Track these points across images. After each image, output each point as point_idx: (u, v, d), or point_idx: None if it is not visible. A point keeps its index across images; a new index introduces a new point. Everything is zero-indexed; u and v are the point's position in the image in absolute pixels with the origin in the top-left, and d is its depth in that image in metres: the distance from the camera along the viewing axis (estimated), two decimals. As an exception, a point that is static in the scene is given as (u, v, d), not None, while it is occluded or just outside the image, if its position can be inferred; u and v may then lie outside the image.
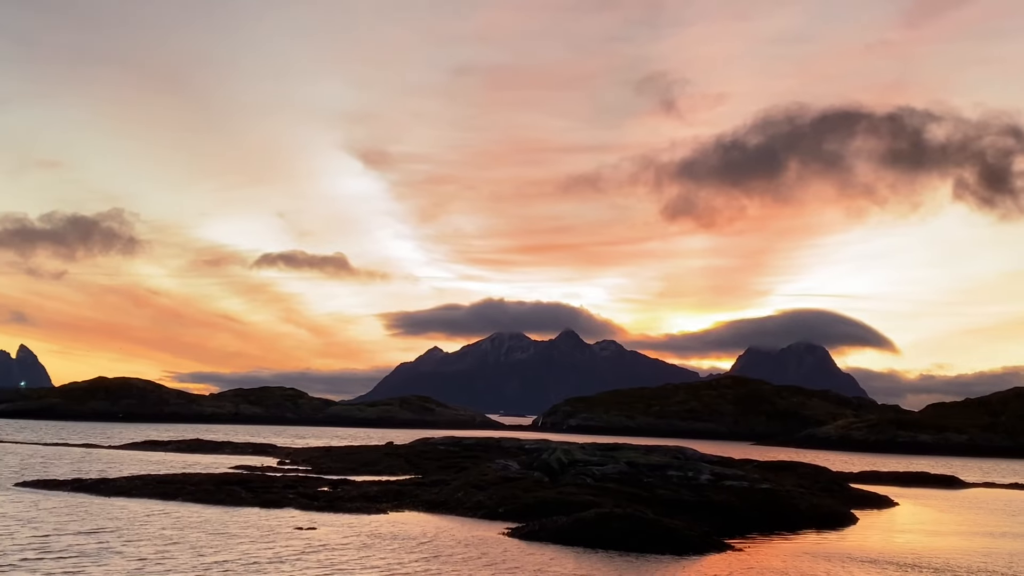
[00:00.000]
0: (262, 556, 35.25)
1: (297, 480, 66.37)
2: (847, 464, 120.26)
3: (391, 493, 58.36)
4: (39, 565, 31.57)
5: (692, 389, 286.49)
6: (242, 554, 35.39)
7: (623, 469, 57.67)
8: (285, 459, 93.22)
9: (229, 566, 33.00)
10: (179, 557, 34.35)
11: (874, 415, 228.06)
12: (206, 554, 35.17)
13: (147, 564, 32.85)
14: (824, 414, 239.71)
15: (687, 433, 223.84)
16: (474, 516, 50.64)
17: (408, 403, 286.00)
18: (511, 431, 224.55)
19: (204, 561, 33.73)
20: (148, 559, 33.69)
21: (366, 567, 34.17)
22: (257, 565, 33.49)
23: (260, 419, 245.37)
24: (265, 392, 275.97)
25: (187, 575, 31.37)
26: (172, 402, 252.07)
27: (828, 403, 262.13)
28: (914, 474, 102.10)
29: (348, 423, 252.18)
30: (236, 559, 34.44)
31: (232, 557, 34.79)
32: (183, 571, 31.82)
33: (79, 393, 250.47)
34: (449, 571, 34.12)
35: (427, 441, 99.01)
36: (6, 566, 31.29)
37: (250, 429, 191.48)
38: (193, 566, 32.81)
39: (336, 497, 56.37)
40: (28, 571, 30.55)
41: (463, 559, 36.65)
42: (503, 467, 62.53)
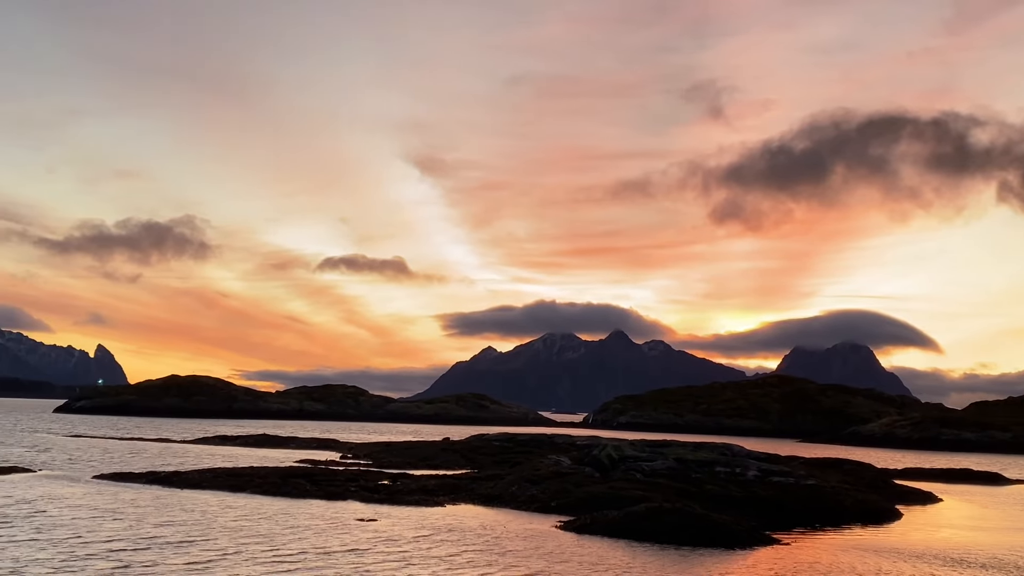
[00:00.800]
0: (332, 547, 35.26)
1: (359, 474, 66.73)
2: (891, 461, 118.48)
3: (448, 487, 58.46)
4: (124, 556, 31.69)
5: (739, 388, 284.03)
6: (313, 545, 35.43)
7: (672, 465, 57.28)
8: (347, 454, 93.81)
9: (303, 557, 33.05)
10: (255, 548, 34.47)
11: (918, 413, 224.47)
12: (279, 545, 35.31)
13: (226, 554, 32.97)
14: (868, 412, 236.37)
15: (734, 430, 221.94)
16: (528, 509, 50.55)
17: (464, 401, 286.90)
18: (563, 428, 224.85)
19: (279, 552, 33.81)
20: (226, 549, 33.81)
21: (428, 557, 34.11)
22: (328, 556, 33.50)
23: (323, 415, 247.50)
24: (328, 390, 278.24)
25: (264, 565, 31.46)
26: (240, 399, 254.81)
27: (872, 401, 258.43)
28: (958, 471, 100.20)
29: (406, 419, 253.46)
30: (309, 550, 34.49)
31: (305, 547, 34.87)
32: (260, 562, 31.91)
33: (153, 390, 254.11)
34: (507, 562, 34.00)
35: (482, 437, 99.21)
36: (94, 556, 31.44)
37: (314, 425, 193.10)
38: (269, 557, 32.92)
39: (396, 490, 56.57)
40: (115, 561, 30.69)
41: (520, 551, 36.53)
42: (555, 462, 62.39)
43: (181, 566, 30.66)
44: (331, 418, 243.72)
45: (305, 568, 31.21)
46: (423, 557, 34.12)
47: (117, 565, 30.23)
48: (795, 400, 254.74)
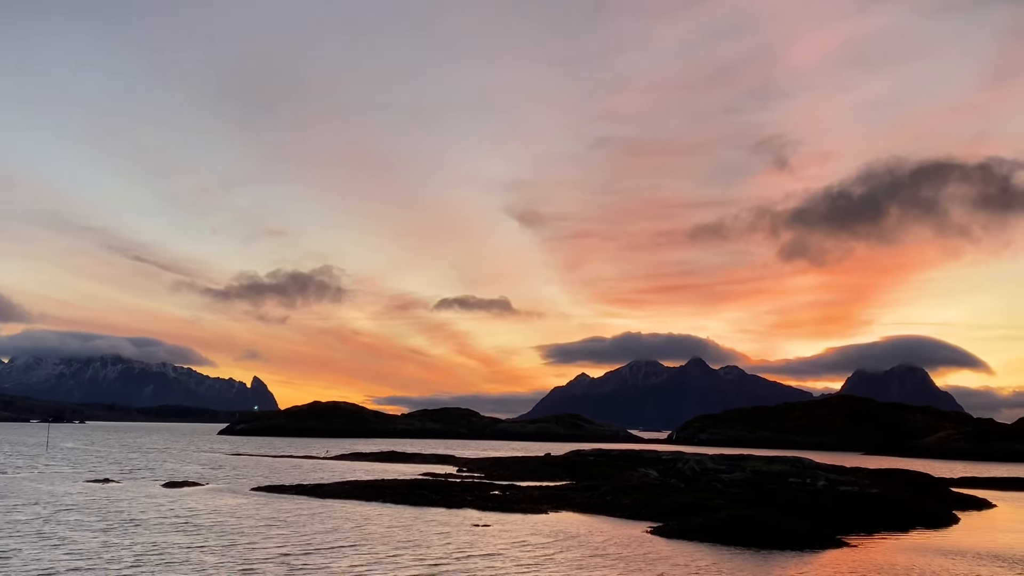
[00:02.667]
0: (473, 551, 34.76)
1: (473, 485, 66.62)
2: (948, 471, 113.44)
3: (550, 496, 57.96)
4: (295, 560, 31.67)
5: (807, 407, 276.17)
6: (457, 549, 35.07)
7: (748, 477, 55.84)
8: (463, 468, 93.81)
9: (448, 560, 32.50)
10: (405, 552, 34.09)
11: (971, 427, 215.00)
12: (425, 549, 34.96)
13: (381, 558, 32.61)
14: (925, 427, 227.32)
15: (803, 445, 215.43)
16: (621, 516, 49.77)
17: (562, 420, 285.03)
18: (649, 444, 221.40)
19: (426, 555, 33.43)
20: (380, 554, 33.53)
21: (556, 562, 33.64)
22: (468, 559, 32.99)
23: (441, 434, 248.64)
24: (445, 412, 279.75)
25: (417, 568, 30.95)
26: (372, 421, 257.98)
27: (929, 417, 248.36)
28: (1011, 479, 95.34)
29: (512, 437, 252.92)
30: (453, 553, 34.13)
31: (450, 551, 34.44)
32: (413, 565, 31.41)
33: (299, 414, 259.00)
34: (608, 562, 33.49)
35: (578, 452, 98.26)
36: (270, 559, 31.50)
37: (433, 443, 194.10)
38: (418, 559, 32.51)
39: (506, 499, 56.30)
40: (288, 565, 30.67)
41: (617, 552, 35.95)
42: (644, 475, 61.41)
43: (347, 568, 30.47)
44: (447, 436, 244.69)
45: (458, 571, 30.74)
46: (550, 561, 33.45)
47: (290, 568, 30.17)
48: (858, 417, 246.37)
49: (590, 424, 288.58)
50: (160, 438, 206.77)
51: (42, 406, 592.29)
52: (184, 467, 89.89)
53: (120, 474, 75.81)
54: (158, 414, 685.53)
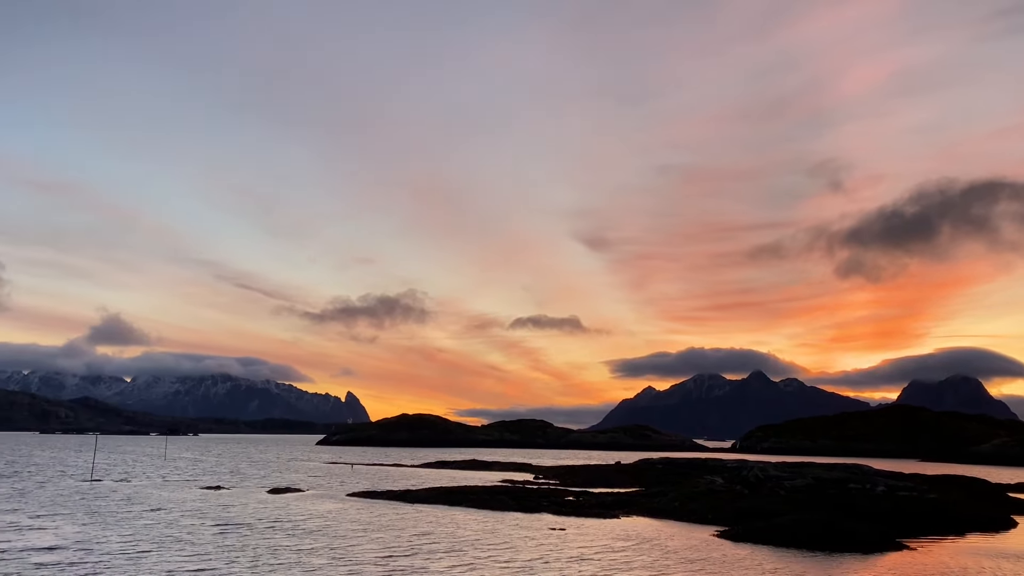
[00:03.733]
0: (563, 555, 34.22)
1: (549, 491, 66.39)
2: (1004, 477, 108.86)
3: (621, 502, 57.46)
4: (397, 563, 31.49)
5: (865, 416, 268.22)
6: (548, 552, 34.74)
7: (810, 483, 54.57)
8: (539, 475, 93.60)
9: (542, 564, 31.97)
10: (498, 554, 33.80)
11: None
12: (517, 551, 34.71)
13: (477, 560, 32.38)
14: (981, 435, 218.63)
15: (861, 453, 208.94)
16: (688, 521, 49.09)
17: (630, 431, 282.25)
18: (714, 453, 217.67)
19: (517, 558, 33.08)
20: (477, 556, 33.19)
21: (623, 561, 33.60)
22: (560, 561, 32.58)
23: (518, 444, 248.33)
24: (521, 423, 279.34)
25: (509, 571, 30.48)
26: (454, 431, 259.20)
27: (983, 425, 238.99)
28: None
29: (584, 447, 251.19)
30: (545, 555, 33.84)
31: (542, 554, 34.16)
32: (509, 567, 31.02)
33: (389, 426, 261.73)
34: (679, 563, 33.11)
35: (647, 461, 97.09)
36: (378, 563, 31.30)
37: (511, 452, 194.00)
38: (509, 561, 32.27)
39: (580, 504, 56.04)
40: (392, 568, 30.53)
41: (688, 555, 35.46)
42: (710, 482, 60.47)
43: (445, 569, 30.33)
44: (524, 446, 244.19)
45: (550, 573, 30.36)
46: (633, 563, 33.09)
47: (392, 570, 30.03)
48: (915, 426, 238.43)
49: (657, 434, 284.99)
50: (264, 449, 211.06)
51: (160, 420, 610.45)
52: (286, 475, 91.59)
53: (230, 482, 77.63)
54: (263, 427, 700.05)
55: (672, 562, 33.58)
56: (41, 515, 44.55)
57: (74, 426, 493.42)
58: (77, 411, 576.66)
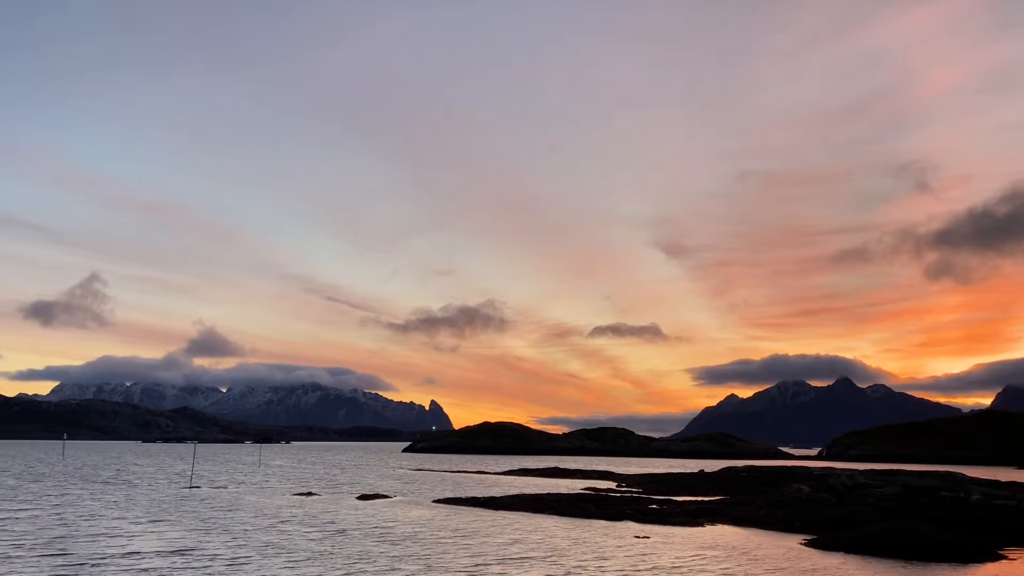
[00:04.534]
0: (663, 563, 33.86)
1: (632, 499, 65.94)
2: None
3: (706, 510, 56.68)
4: (489, 570, 31.39)
5: (957, 422, 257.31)
6: (643, 561, 34.13)
7: (900, 491, 52.89)
8: (621, 483, 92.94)
9: (636, 574, 31.46)
10: (592, 563, 33.32)
11: None
12: (611, 560, 34.36)
13: (571, 569, 31.91)
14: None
15: (953, 460, 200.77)
16: (775, 529, 48.11)
17: (713, 439, 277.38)
18: (800, 461, 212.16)
19: (607, 564, 32.83)
20: (566, 565, 32.78)
21: (719, 572, 33.17)
22: (659, 570, 32.07)
23: (599, 452, 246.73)
24: (602, 431, 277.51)
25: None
26: (535, 439, 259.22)
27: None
28: None
29: (666, 455, 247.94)
30: (638, 565, 33.27)
31: (635, 563, 33.59)
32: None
33: (472, 434, 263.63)
34: (769, 572, 32.47)
35: (731, 469, 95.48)
36: (466, 570, 31.37)
37: (592, 460, 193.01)
38: (601, 570, 31.77)
39: (664, 513, 55.47)
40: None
41: (777, 564, 34.72)
42: (796, 490, 59.14)
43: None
44: (605, 454, 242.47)
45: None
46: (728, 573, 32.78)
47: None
48: (1011, 432, 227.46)
49: (741, 442, 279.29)
50: (353, 456, 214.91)
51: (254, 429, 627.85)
52: (375, 481, 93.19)
53: (322, 488, 79.40)
54: (351, 434, 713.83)
55: (762, 571, 32.98)
56: (145, 521, 46.41)
57: (174, 435, 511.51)
58: (177, 420, 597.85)
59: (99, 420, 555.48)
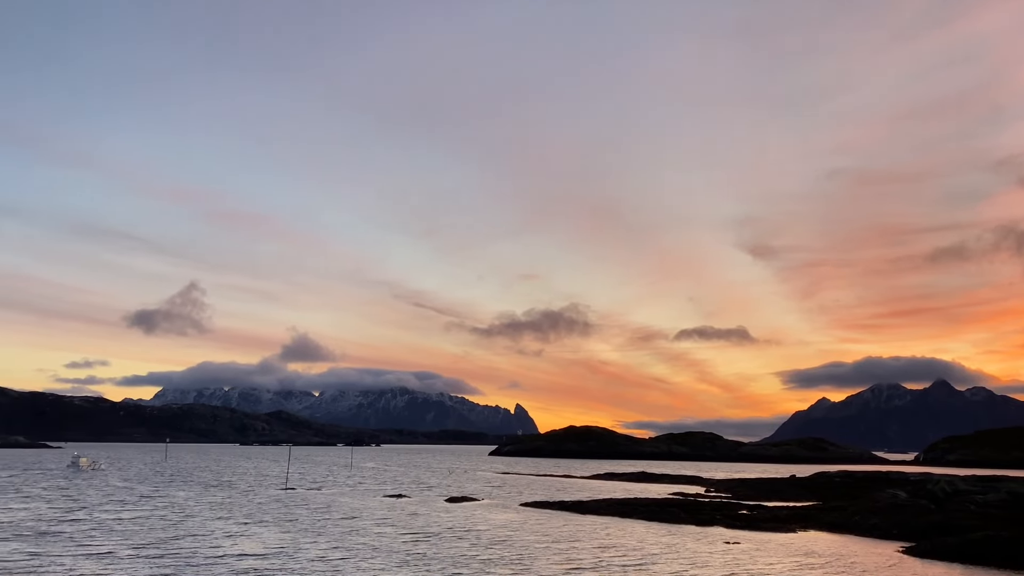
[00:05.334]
0: (760, 569, 33.46)
1: (721, 504, 64.93)
2: None
3: (798, 516, 55.34)
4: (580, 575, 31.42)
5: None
6: (744, 570, 33.52)
7: (1004, 497, 50.69)
8: (710, 488, 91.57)
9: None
10: (686, 570, 32.75)
11: None
12: (707, 566, 33.98)
13: (670, 574, 31.84)
14: None
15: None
16: (870, 536, 46.67)
17: (804, 443, 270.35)
18: (895, 466, 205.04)
19: (708, 573, 32.37)
20: (663, 573, 32.28)
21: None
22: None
23: (686, 456, 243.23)
24: (689, 436, 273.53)
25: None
26: (622, 444, 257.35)
27: None
28: None
29: (755, 460, 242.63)
30: (736, 573, 32.69)
31: (736, 571, 33.01)
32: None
33: (557, 437, 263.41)
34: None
35: (823, 474, 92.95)
36: (565, 574, 31.31)
37: (680, 464, 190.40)
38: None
39: (754, 518, 54.44)
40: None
41: (874, 572, 33.68)
42: (892, 495, 57.30)
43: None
44: (693, 459, 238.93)
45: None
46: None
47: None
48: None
49: (834, 447, 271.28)
50: (441, 459, 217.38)
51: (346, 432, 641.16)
52: (463, 484, 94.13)
53: (412, 490, 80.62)
54: (438, 437, 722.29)
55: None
56: (247, 522, 47.96)
57: (269, 438, 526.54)
58: (272, 424, 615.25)
59: (199, 424, 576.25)
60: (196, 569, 30.63)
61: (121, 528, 43.62)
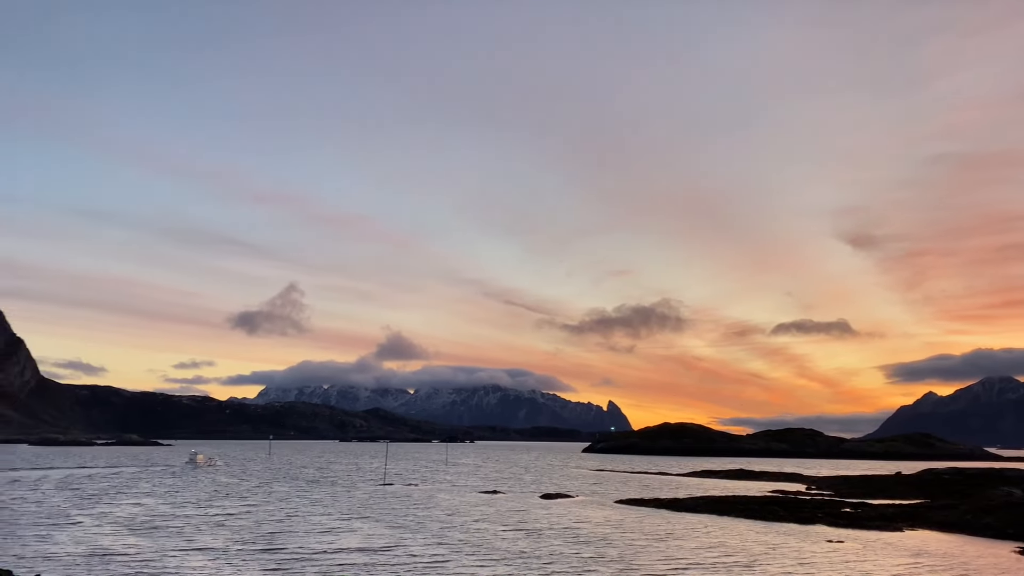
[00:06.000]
0: (869, 572, 32.43)
1: (823, 502, 63.30)
2: None
3: (905, 514, 53.52)
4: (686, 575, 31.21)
5: None
6: (856, 571, 32.63)
7: None
8: (811, 485, 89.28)
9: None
10: (795, 572, 32.06)
11: None
12: (809, 566, 33.25)
13: None
14: None
15: None
16: (983, 536, 44.81)
17: (910, 439, 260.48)
18: (1009, 462, 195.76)
19: (819, 574, 31.68)
20: (773, 573, 31.61)
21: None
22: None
23: (785, 453, 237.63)
24: (789, 432, 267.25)
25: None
26: (718, 440, 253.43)
27: None
28: None
29: (858, 456, 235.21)
30: (854, 574, 32.10)
31: (850, 572, 32.22)
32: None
33: (651, 434, 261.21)
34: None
35: (931, 471, 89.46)
36: (668, 574, 31.11)
37: (779, 462, 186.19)
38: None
39: (858, 516, 52.90)
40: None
41: (989, 574, 32.41)
42: (1007, 493, 54.80)
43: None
44: (792, 456, 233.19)
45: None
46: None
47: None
48: None
49: (942, 443, 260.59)
50: (534, 455, 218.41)
51: (440, 429, 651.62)
52: (558, 481, 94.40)
53: (506, 486, 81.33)
54: (531, 434, 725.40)
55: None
56: (348, 518, 49.34)
57: (367, 434, 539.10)
58: (369, 421, 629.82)
59: (300, 421, 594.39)
60: (302, 564, 31.71)
61: (230, 524, 45.48)
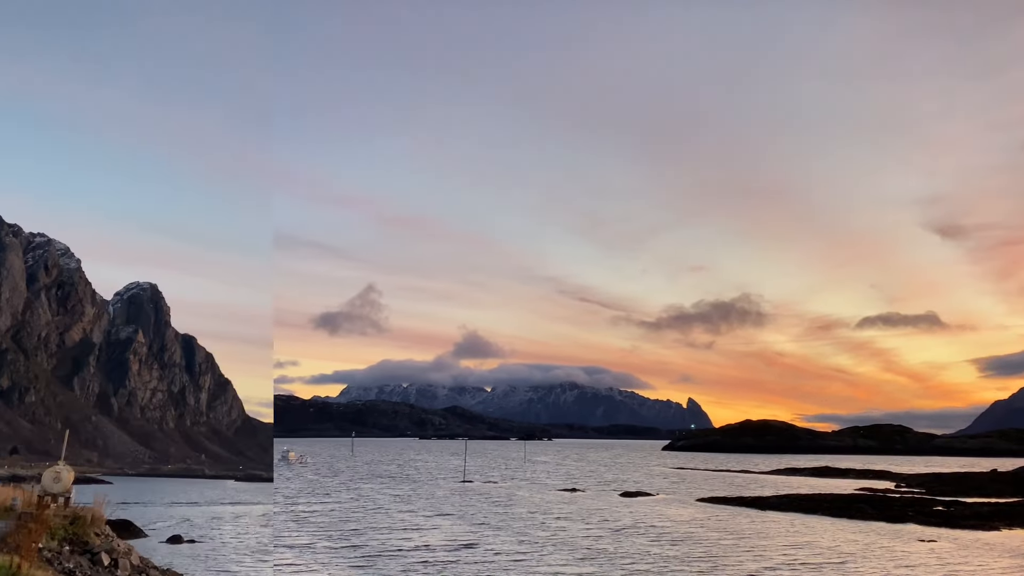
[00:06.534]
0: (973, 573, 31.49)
1: (913, 500, 61.45)
2: None
3: (1001, 513, 51.54)
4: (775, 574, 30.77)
5: None
6: (948, 572, 31.59)
7: None
8: (900, 483, 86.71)
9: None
10: (893, 572, 31.18)
11: None
12: (908, 567, 32.31)
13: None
14: None
15: None
16: (1090, 537, 42.77)
17: (1007, 435, 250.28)
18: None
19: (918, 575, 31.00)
20: (864, 571, 31.07)
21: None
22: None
23: (873, 450, 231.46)
24: (876, 428, 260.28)
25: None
26: (802, 438, 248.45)
27: None
28: None
29: (950, 453, 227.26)
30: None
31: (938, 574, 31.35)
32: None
33: (733, 432, 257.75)
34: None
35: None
36: (763, 573, 30.72)
37: (866, 459, 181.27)
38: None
39: (951, 515, 51.16)
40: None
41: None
42: (1113, 493, 52.22)
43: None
44: (880, 453, 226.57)
45: None
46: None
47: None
48: None
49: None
50: (613, 453, 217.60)
51: (518, 426, 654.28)
52: (638, 479, 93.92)
53: (585, 484, 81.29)
54: (609, 432, 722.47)
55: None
56: (430, 515, 50.05)
57: (445, 432, 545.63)
58: (448, 419, 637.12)
59: (381, 419, 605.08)
60: (386, 560, 32.27)
61: (316, 520, 46.58)
